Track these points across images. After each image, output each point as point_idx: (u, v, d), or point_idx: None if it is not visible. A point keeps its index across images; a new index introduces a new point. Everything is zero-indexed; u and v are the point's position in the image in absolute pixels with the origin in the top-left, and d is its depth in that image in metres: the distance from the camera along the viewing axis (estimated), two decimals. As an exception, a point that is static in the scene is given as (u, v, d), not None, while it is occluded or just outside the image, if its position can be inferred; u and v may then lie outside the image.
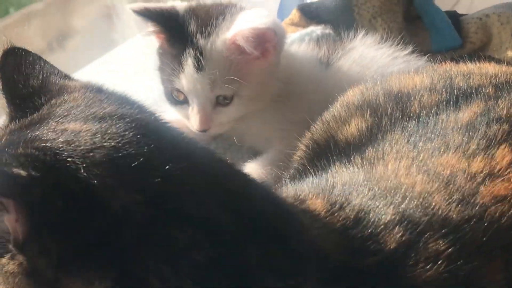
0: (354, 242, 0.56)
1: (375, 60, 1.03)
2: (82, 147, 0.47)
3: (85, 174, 0.45)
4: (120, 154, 0.48)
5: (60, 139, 0.48)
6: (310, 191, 0.64)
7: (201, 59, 0.92)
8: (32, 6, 1.47)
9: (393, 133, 0.75)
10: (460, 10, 1.33)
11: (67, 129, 0.50)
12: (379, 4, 1.20)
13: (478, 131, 0.70)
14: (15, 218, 0.44)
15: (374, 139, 0.76)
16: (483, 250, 0.59)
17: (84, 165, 0.46)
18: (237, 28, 0.90)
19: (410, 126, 0.74)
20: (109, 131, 0.50)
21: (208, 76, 0.91)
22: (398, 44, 1.04)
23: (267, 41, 0.91)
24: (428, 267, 0.57)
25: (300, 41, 1.12)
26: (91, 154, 0.47)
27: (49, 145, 0.47)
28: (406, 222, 0.59)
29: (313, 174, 0.76)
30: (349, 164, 0.74)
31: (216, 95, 0.93)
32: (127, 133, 0.50)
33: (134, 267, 0.47)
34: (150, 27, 0.95)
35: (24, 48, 0.61)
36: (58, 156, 0.46)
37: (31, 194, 0.43)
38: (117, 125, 0.52)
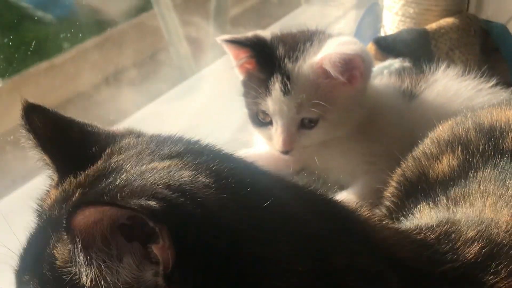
0: (435, 254, 0.61)
1: (459, 93, 1.05)
2: (186, 179, 0.52)
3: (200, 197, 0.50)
4: (217, 181, 0.53)
5: (162, 179, 0.53)
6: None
7: (288, 83, 0.96)
8: (87, 42, 1.53)
9: (484, 171, 0.77)
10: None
11: (156, 168, 0.55)
12: (456, 36, 1.26)
13: None
14: (168, 245, 0.46)
15: (465, 177, 0.78)
16: None
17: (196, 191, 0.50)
18: (325, 53, 0.94)
19: (502, 163, 0.76)
20: (194, 164, 0.55)
21: (295, 99, 0.96)
22: (480, 77, 1.07)
23: (354, 68, 0.94)
24: (508, 280, 0.60)
25: (379, 75, 1.17)
26: (196, 181, 0.52)
27: (160, 183, 0.52)
28: (488, 241, 0.63)
29: (403, 212, 0.80)
30: (436, 204, 0.78)
31: (301, 117, 0.97)
32: (205, 165, 0.56)
33: None
34: (236, 53, 1.00)
35: (38, 104, 0.64)
36: (176, 192, 0.50)
37: (180, 222, 0.46)
38: (189, 160, 0.57)
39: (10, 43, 1.43)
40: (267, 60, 1.00)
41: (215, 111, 1.24)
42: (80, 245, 0.50)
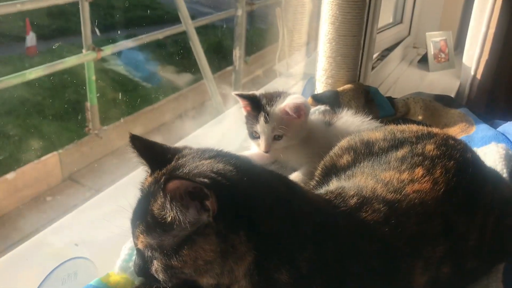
0: (336, 204, 0.91)
1: (354, 123, 1.47)
2: (220, 167, 0.80)
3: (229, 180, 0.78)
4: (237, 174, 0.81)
5: (208, 168, 0.80)
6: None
7: (267, 117, 1.39)
8: (169, 97, 2.48)
9: (363, 162, 1.08)
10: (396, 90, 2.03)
11: (203, 163, 0.83)
12: (352, 93, 1.80)
13: (407, 161, 1.02)
14: (214, 201, 0.73)
15: (354, 166, 1.08)
16: (404, 215, 0.91)
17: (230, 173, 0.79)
18: (286, 102, 1.37)
19: (373, 159, 1.07)
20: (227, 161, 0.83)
21: (271, 125, 1.39)
22: (364, 115, 1.50)
23: (301, 110, 1.39)
24: (373, 215, 0.90)
25: (313, 113, 1.62)
26: (225, 169, 0.81)
27: (208, 170, 0.80)
28: (361, 197, 0.93)
29: (324, 184, 1.09)
30: (339, 179, 1.07)
31: (274, 134, 1.41)
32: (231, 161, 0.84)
33: (267, 251, 0.79)
34: (242, 102, 1.45)
35: (138, 135, 0.90)
36: (216, 174, 0.78)
37: (219, 189, 0.74)
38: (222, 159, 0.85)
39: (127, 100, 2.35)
40: (256, 106, 1.43)
41: (233, 133, 1.71)
42: (168, 199, 0.75)
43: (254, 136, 1.46)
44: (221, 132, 1.80)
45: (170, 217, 0.76)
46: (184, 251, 0.77)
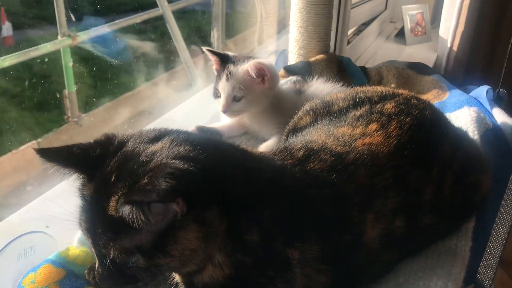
0: (282, 158, 0.92)
1: (325, 90, 1.49)
2: (177, 154, 0.76)
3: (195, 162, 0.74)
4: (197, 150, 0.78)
5: (165, 156, 0.76)
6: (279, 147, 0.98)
7: (229, 75, 1.41)
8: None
9: (321, 121, 1.10)
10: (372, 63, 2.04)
11: (154, 150, 0.78)
12: (324, 64, 1.81)
13: (363, 118, 1.02)
14: (182, 203, 0.72)
15: (313, 125, 1.11)
16: (352, 165, 0.92)
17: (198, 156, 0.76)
18: (249, 63, 1.39)
19: (330, 117, 1.10)
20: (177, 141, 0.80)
21: (231, 83, 1.40)
22: (335, 82, 1.54)
23: (264, 74, 1.41)
24: (319, 164, 0.91)
25: (284, 84, 1.63)
26: (184, 152, 0.77)
27: (169, 158, 0.75)
28: (308, 149, 0.93)
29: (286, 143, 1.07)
30: (298, 136, 1.10)
31: (234, 95, 1.41)
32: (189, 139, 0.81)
33: (236, 216, 0.79)
34: (212, 58, 1.47)
35: (43, 148, 0.82)
36: (178, 167, 0.72)
37: (186, 186, 0.71)
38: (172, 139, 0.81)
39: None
40: (223, 64, 1.45)
41: (206, 108, 1.72)
42: (131, 212, 0.70)
43: (216, 94, 1.47)
44: (191, 109, 1.80)
45: (138, 221, 0.71)
46: (168, 247, 0.75)
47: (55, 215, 1.04)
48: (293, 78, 1.73)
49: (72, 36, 3.35)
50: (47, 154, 0.79)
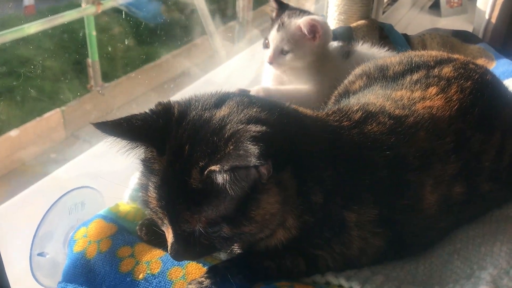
0: (338, 119, 0.90)
1: (372, 54, 1.48)
2: (252, 117, 0.76)
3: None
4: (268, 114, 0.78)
5: (240, 119, 0.75)
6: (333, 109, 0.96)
7: (282, 27, 1.39)
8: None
9: (376, 85, 1.09)
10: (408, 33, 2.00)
11: (222, 115, 0.77)
12: (366, 29, 1.81)
13: (421, 82, 1.01)
14: (269, 165, 0.71)
15: (367, 88, 1.10)
16: (412, 128, 0.89)
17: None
18: (303, 18, 1.38)
19: (386, 81, 1.07)
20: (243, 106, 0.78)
21: (281, 35, 1.39)
22: (380, 47, 1.54)
23: (316, 31, 1.39)
24: (378, 127, 0.89)
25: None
26: (256, 115, 0.76)
27: (247, 120, 0.75)
28: (366, 111, 0.91)
29: (338, 104, 1.09)
30: (351, 99, 1.09)
31: (282, 47, 1.40)
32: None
33: (304, 177, 0.79)
34: (273, 4, 1.46)
35: (102, 122, 0.76)
36: (256, 128, 0.72)
37: (268, 147, 0.68)
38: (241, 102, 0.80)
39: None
40: (279, 14, 1.43)
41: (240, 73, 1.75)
42: (221, 175, 0.69)
43: (266, 45, 1.45)
44: (227, 75, 1.78)
45: (220, 186, 0.70)
46: (252, 213, 0.74)
47: (99, 172, 1.09)
48: (334, 43, 1.66)
49: (96, 3, 3.31)
50: (108, 128, 0.75)
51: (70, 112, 3.53)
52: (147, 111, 0.79)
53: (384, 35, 1.86)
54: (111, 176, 1.02)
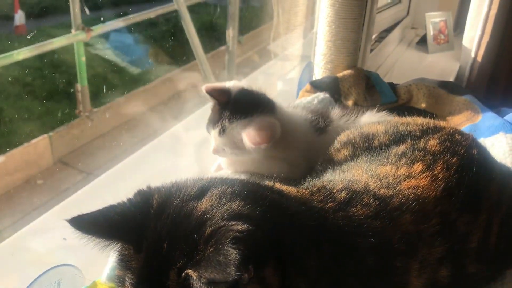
0: (322, 199, 0.87)
1: (346, 127, 1.27)
2: (230, 212, 0.71)
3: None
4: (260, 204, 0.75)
5: (222, 214, 0.71)
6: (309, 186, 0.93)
7: (223, 133, 1.21)
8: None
9: (361, 156, 1.05)
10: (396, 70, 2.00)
11: (202, 209, 0.73)
12: (352, 79, 1.74)
13: (407, 155, 0.98)
14: (252, 270, 0.67)
15: (351, 161, 1.06)
16: (397, 210, 0.87)
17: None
18: (248, 132, 1.17)
19: (371, 153, 1.04)
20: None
21: (223, 141, 1.23)
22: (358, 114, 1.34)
23: (264, 141, 1.17)
24: (363, 210, 0.86)
25: (311, 101, 1.57)
26: (243, 211, 0.73)
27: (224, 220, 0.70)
28: (350, 191, 0.89)
29: (320, 178, 1.03)
30: (336, 171, 1.05)
31: (224, 148, 1.24)
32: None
33: (288, 270, 0.74)
34: (212, 102, 1.24)
35: (77, 216, 0.73)
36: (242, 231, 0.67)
37: (253, 253, 0.65)
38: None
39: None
40: (220, 112, 1.22)
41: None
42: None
43: (208, 130, 1.28)
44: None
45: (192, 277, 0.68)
46: None
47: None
48: (320, 94, 1.67)
49: (86, 30, 3.31)
50: (84, 225, 0.72)
51: (58, 138, 3.53)
52: (126, 201, 0.76)
53: (371, 84, 1.82)
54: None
